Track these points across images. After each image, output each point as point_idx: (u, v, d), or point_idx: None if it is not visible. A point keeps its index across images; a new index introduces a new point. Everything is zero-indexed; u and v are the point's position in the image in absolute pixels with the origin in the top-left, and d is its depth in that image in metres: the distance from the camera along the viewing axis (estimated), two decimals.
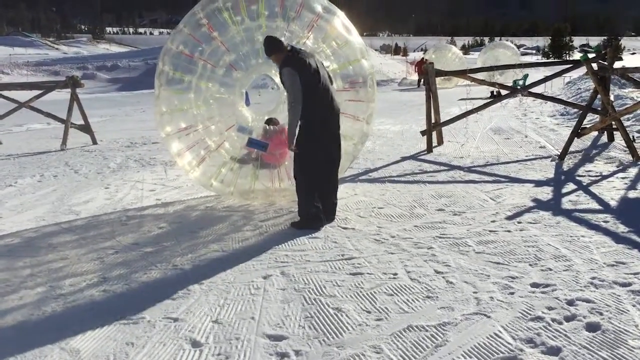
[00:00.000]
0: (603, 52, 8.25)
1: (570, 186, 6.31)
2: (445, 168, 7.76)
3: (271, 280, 3.96)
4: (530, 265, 3.98)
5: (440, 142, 9.73)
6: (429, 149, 9.16)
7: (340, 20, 5.95)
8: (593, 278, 3.66)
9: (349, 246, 4.61)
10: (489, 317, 3.22)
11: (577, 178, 6.66)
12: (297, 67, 4.95)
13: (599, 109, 8.48)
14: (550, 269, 3.87)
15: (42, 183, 7.71)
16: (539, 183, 6.54)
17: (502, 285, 3.65)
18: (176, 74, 5.77)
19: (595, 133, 9.16)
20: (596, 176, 6.68)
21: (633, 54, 79.73)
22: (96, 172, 8.42)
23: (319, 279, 3.94)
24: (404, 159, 8.65)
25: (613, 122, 7.87)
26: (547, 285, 3.60)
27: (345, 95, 5.88)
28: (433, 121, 9.53)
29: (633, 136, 7.57)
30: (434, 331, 3.10)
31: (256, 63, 5.79)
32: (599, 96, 7.89)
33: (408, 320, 3.23)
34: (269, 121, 6.04)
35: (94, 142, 11.49)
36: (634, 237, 4.46)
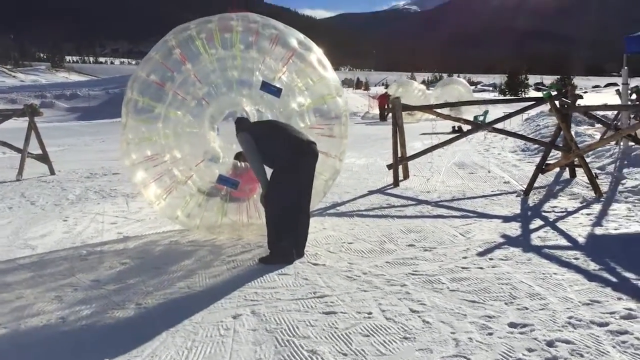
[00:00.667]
0: (564, 90, 8.44)
1: (538, 222, 6.34)
2: (413, 202, 7.75)
3: (241, 320, 3.79)
4: (505, 304, 3.92)
5: (406, 176, 9.75)
6: (396, 183, 9.15)
7: (316, 56, 5.91)
8: (570, 317, 3.62)
9: (320, 283, 4.48)
10: (468, 359, 3.12)
11: (543, 214, 6.72)
12: (245, 128, 5.20)
13: (561, 145, 8.65)
14: (527, 308, 3.81)
15: None
16: (506, 219, 6.56)
17: (480, 325, 3.57)
18: (145, 102, 5.61)
19: (558, 169, 9.31)
20: (562, 212, 6.74)
21: (585, 92, 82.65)
22: (54, 203, 8.11)
23: (292, 318, 3.79)
24: (371, 192, 8.61)
25: (575, 159, 8.01)
26: (524, 325, 3.53)
27: (319, 131, 5.82)
28: (399, 155, 9.55)
29: (595, 173, 7.72)
30: None
31: (228, 94, 5.69)
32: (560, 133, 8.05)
33: None
34: (239, 156, 5.92)
35: (52, 173, 11.13)
36: (606, 274, 4.46)
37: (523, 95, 72.45)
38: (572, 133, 12.48)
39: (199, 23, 5.67)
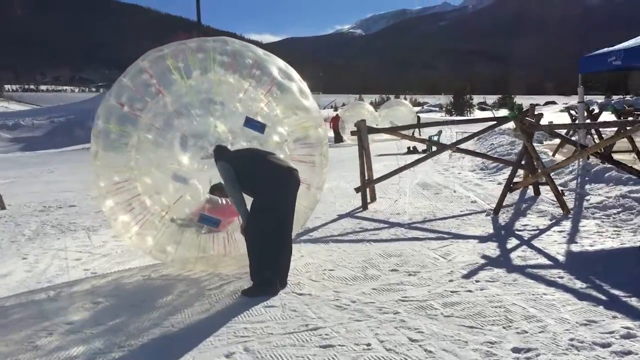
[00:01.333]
0: (525, 110, 8.62)
1: (513, 241, 6.37)
2: (385, 225, 7.69)
3: (235, 359, 3.60)
4: (504, 328, 3.86)
5: (373, 198, 9.70)
6: (364, 206, 9.10)
7: (297, 85, 5.78)
8: (572, 339, 3.59)
9: (310, 315, 4.33)
10: None
11: (517, 233, 6.76)
12: (225, 157, 5.06)
13: (522, 163, 8.81)
14: (526, 332, 3.77)
15: None
16: (482, 239, 6.57)
17: (484, 352, 3.50)
18: (116, 129, 5.36)
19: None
20: (534, 230, 6.81)
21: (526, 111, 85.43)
22: (9, 240, 7.67)
23: (288, 354, 3.63)
24: (340, 216, 8.52)
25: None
26: (528, 350, 3.48)
27: (299, 160, 5.71)
28: (366, 177, 9.51)
29: (561, 190, 7.86)
30: None
31: (206, 126, 5.52)
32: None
33: None
34: (214, 189, 5.73)
35: (2, 207, 10.57)
36: (594, 293, 4.48)
37: (469, 115, 74.47)
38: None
39: (173, 47, 5.48)
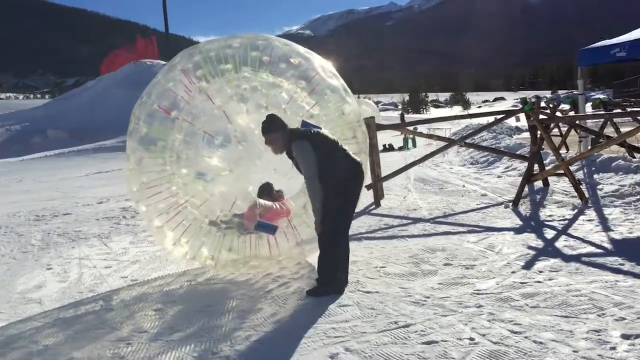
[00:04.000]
0: (532, 103, 8.74)
1: (549, 231, 6.42)
2: (409, 221, 7.67)
3: None
4: (599, 315, 3.87)
5: (381, 196, 9.67)
6: (377, 203, 9.07)
7: (341, 83, 5.65)
8: None
9: (391, 312, 4.24)
10: None
11: (547, 223, 6.83)
12: (306, 137, 4.67)
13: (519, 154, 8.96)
14: (624, 318, 3.78)
15: None
16: (516, 230, 6.60)
17: (595, 340, 3.49)
18: (159, 134, 5.14)
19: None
20: (563, 220, 6.89)
21: (479, 107, 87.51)
22: (21, 251, 7.29)
23: (397, 353, 3.53)
24: (357, 214, 8.43)
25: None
26: (638, 336, 3.50)
27: None
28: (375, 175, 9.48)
29: (579, 180, 8.00)
30: None
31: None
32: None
33: None
34: (262, 191, 5.59)
35: None
36: None
37: (425, 112, 75.63)
38: (511, 143, 13.01)
39: (213, 44, 5.29)
